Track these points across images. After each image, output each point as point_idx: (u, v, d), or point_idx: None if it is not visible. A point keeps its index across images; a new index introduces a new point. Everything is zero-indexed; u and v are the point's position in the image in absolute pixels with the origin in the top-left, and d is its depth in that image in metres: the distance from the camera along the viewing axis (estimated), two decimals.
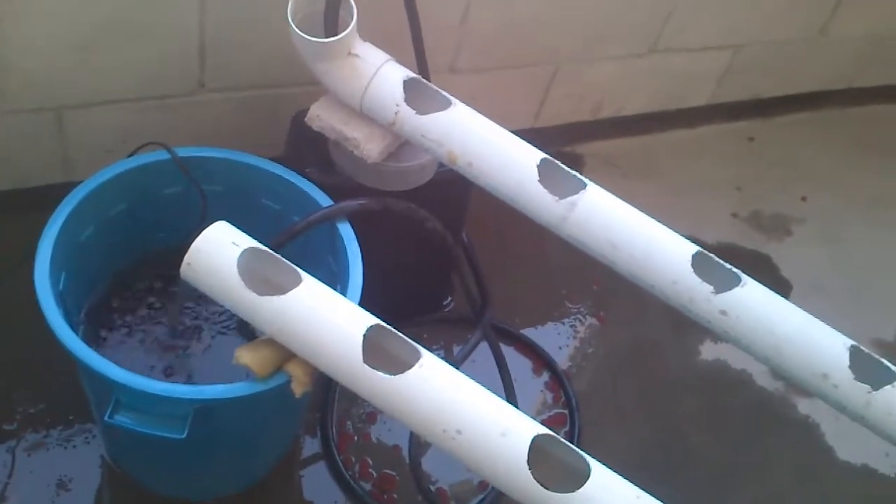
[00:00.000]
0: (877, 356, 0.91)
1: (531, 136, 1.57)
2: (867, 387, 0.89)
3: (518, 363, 1.32)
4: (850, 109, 1.88)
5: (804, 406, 1.38)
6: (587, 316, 1.42)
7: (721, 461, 1.30)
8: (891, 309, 1.57)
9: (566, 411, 1.28)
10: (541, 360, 1.33)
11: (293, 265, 0.84)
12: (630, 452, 1.28)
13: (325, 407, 1.17)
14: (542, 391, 1.30)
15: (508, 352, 1.31)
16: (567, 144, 1.65)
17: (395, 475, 1.15)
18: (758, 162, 1.74)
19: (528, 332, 1.36)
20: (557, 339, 1.37)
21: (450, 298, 1.36)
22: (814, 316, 1.51)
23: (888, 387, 0.89)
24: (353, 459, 1.16)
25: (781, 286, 1.54)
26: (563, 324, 1.40)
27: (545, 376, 1.32)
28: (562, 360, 1.34)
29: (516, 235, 1.41)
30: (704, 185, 1.66)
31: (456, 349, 1.30)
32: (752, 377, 1.39)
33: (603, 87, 1.57)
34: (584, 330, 1.40)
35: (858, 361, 0.90)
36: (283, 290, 0.81)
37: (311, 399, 1.18)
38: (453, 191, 1.16)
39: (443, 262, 1.26)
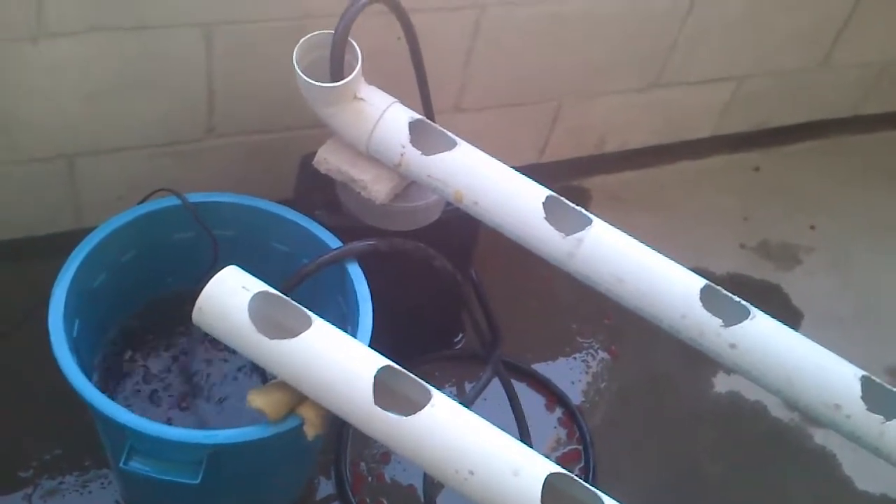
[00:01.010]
0: (889, 386, 0.91)
1: (537, 171, 1.58)
2: (880, 417, 0.89)
3: (531, 399, 1.31)
4: (856, 137, 1.88)
5: (820, 436, 1.37)
6: (599, 350, 1.42)
7: (737, 494, 1.29)
8: None
9: (580, 447, 1.27)
10: (554, 395, 1.33)
11: (303, 308, 0.85)
12: (646, 487, 1.27)
13: (339, 448, 1.17)
14: (555, 427, 1.30)
15: (521, 388, 1.31)
16: (573, 179, 1.66)
17: None
18: (764, 191, 1.74)
19: (540, 368, 1.36)
20: (570, 374, 1.37)
21: (461, 335, 1.37)
22: (827, 345, 1.51)
23: None
24: (368, 501, 1.15)
25: (793, 316, 1.53)
26: (575, 359, 1.40)
27: (558, 412, 1.32)
28: (575, 396, 1.34)
29: (525, 271, 1.41)
30: (711, 216, 1.67)
31: (468, 386, 1.30)
32: (767, 408, 1.39)
33: (607, 121, 1.58)
34: (596, 364, 1.40)
35: (871, 392, 0.90)
36: (293, 334, 0.82)
37: (324, 441, 1.18)
38: (461, 229, 1.17)
39: (452, 299, 1.26)
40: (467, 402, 1.15)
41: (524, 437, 1.23)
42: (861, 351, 1.50)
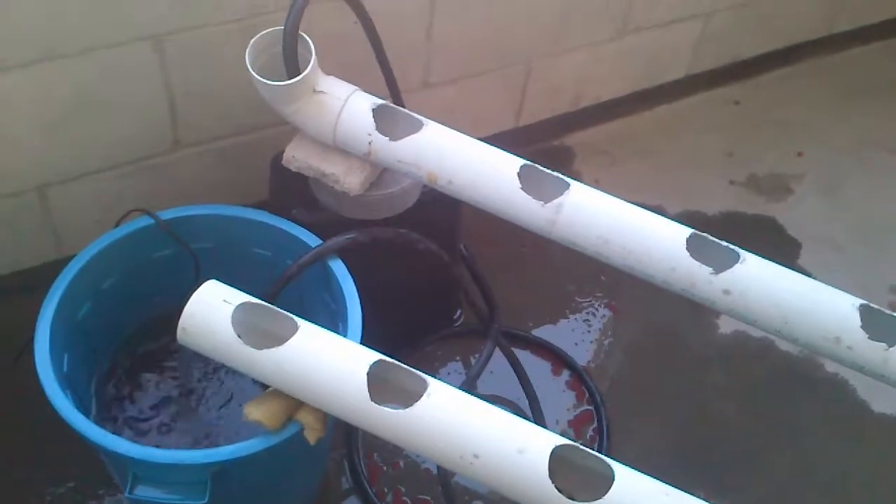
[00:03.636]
0: (889, 312, 0.90)
1: (516, 135, 1.58)
2: (883, 344, 0.88)
3: (536, 366, 1.31)
4: (832, 57, 1.85)
5: (831, 365, 1.35)
6: (599, 307, 1.41)
7: (756, 432, 1.29)
8: None
9: (591, 407, 1.27)
10: (559, 359, 1.32)
11: (288, 313, 0.84)
12: (663, 438, 1.26)
13: (350, 442, 1.17)
14: (564, 391, 1.29)
15: (525, 356, 1.31)
16: (554, 138, 1.64)
17: (430, 499, 1.15)
18: (746, 124, 1.72)
19: (543, 333, 1.35)
20: (572, 336, 1.36)
21: (459, 312, 1.36)
22: (828, 271, 1.50)
23: None
24: (386, 490, 1.15)
25: (790, 246, 1.52)
26: (577, 319, 1.39)
27: (566, 375, 1.31)
28: (580, 357, 1.33)
29: (516, 238, 1.40)
30: (697, 157, 1.65)
31: (473, 361, 1.30)
32: (774, 343, 1.37)
33: (579, 76, 1.56)
34: (598, 322, 1.39)
35: (870, 320, 0.89)
36: (281, 341, 0.81)
37: (333, 436, 1.18)
38: (443, 207, 1.16)
39: (445, 278, 1.25)
40: (471, 379, 1.15)
41: (533, 404, 1.23)
42: (863, 272, 1.51)
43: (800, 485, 1.23)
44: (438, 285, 1.28)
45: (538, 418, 1.22)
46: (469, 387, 1.15)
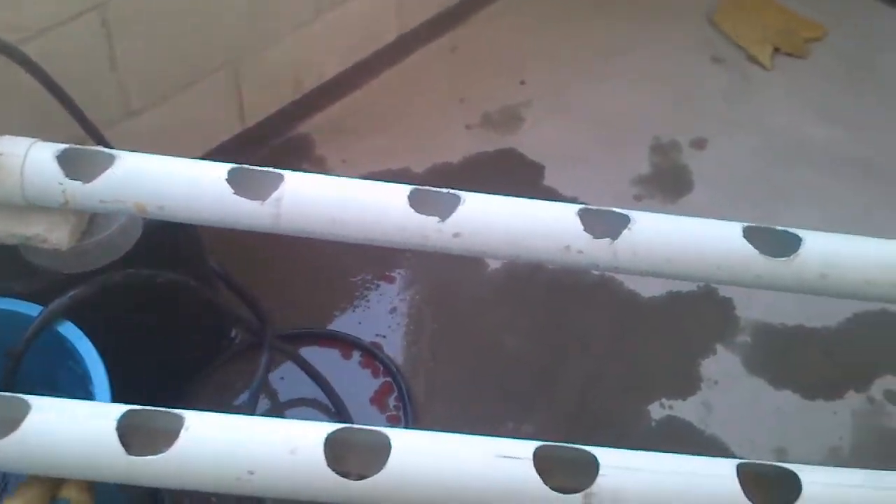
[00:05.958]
0: (603, 208, 0.95)
1: (246, 138, 1.55)
2: (607, 240, 0.93)
3: (326, 357, 1.30)
4: None
5: None
6: (374, 281, 1.41)
7: (546, 351, 1.34)
8: (637, 144, 1.65)
9: (389, 378, 1.28)
10: (345, 343, 1.32)
11: (15, 395, 0.78)
12: (465, 385, 1.30)
13: (156, 497, 1.12)
14: (358, 371, 1.30)
15: (312, 351, 1.30)
16: (289, 130, 1.62)
17: None
18: (468, 67, 1.77)
19: (328, 324, 1.35)
20: (354, 316, 1.37)
21: (233, 331, 1.32)
22: (574, 182, 1.57)
23: (625, 231, 0.93)
24: None
25: (534, 170, 1.58)
26: (355, 299, 1.39)
27: (356, 356, 1.31)
28: (367, 334, 1.34)
29: (270, 238, 1.37)
30: (430, 112, 1.68)
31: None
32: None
33: (293, 61, 1.54)
34: (375, 296, 1.39)
35: (590, 221, 0.93)
36: (14, 425, 0.75)
37: (135, 496, 1.12)
38: (176, 231, 1.11)
39: (205, 303, 1.21)
40: (253, 394, 1.13)
41: (330, 395, 1.23)
42: (610, 174, 1.60)
43: (598, 387, 1.30)
44: (201, 312, 1.24)
45: (339, 407, 1.21)
46: (253, 403, 1.13)
